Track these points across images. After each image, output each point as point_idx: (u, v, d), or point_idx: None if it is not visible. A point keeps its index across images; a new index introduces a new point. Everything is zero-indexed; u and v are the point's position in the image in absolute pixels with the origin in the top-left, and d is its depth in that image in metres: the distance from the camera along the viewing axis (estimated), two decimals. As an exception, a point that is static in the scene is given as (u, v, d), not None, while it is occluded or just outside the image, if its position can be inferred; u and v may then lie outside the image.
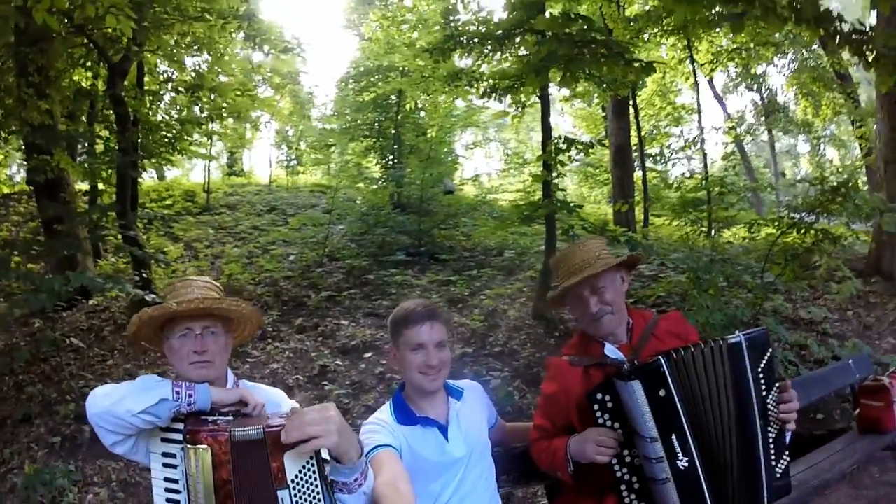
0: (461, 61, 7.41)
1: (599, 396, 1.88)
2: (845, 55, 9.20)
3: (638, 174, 11.74)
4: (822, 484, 2.94)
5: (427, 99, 10.72)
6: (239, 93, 8.28)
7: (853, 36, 3.24)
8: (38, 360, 5.70)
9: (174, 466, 1.57)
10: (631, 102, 10.09)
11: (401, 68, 11.14)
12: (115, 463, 4.41)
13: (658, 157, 16.95)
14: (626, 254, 2.26)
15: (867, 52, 3.34)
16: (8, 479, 4.28)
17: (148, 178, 15.28)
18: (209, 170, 13.86)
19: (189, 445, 1.46)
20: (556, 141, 6.21)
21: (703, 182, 7.02)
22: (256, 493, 1.46)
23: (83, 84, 8.23)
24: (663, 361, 1.79)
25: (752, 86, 17.23)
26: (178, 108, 8.36)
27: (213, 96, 7.90)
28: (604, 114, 13.53)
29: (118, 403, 1.52)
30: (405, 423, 1.99)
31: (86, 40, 6.98)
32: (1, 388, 5.33)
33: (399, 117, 12.16)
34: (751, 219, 5.83)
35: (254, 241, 10.29)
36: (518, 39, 5.78)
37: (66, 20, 6.03)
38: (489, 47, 6.04)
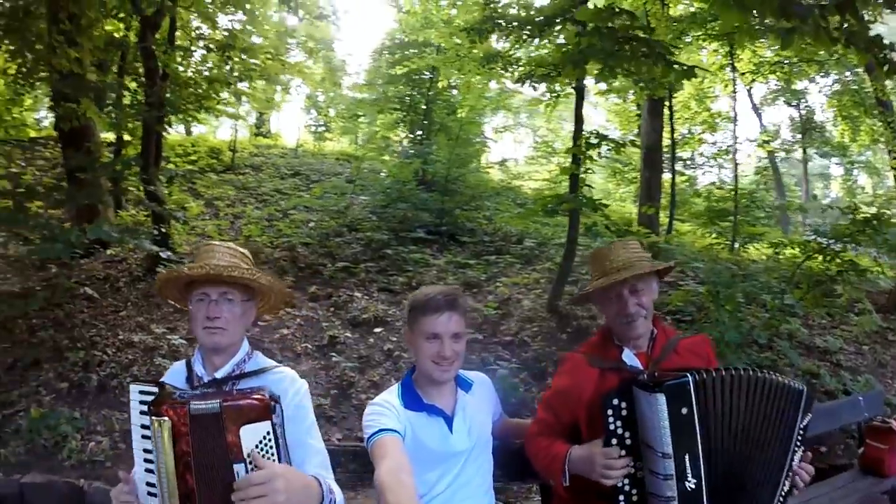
0: (498, 44, 7.27)
1: (615, 402, 1.82)
2: (889, 83, 8.95)
3: (667, 177, 11.52)
4: (818, 520, 2.89)
5: (462, 78, 10.58)
6: (270, 56, 8.20)
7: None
8: (52, 306, 5.74)
9: (149, 438, 1.56)
10: (667, 104, 9.85)
11: (437, 45, 10.94)
12: (120, 414, 4.46)
13: (689, 162, 16.62)
14: (669, 262, 2.24)
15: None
16: (14, 421, 4.35)
17: (175, 133, 15.40)
18: (236, 129, 13.92)
19: (153, 417, 1.50)
20: (587, 135, 6.06)
21: (732, 193, 6.87)
22: (213, 466, 1.48)
23: (115, 34, 8.18)
24: (691, 379, 1.76)
25: (790, 101, 16.77)
26: (209, 66, 8.28)
27: (243, 57, 7.82)
28: (638, 112, 13.28)
29: None
30: (412, 409, 1.97)
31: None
32: (14, 331, 5.37)
33: (430, 93, 12.00)
34: (777, 238, 5.70)
35: (275, 204, 10.28)
36: (558, 28, 5.64)
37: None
38: (528, 32, 5.90)
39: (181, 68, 8.05)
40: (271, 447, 1.51)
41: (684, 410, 1.73)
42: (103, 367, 4.93)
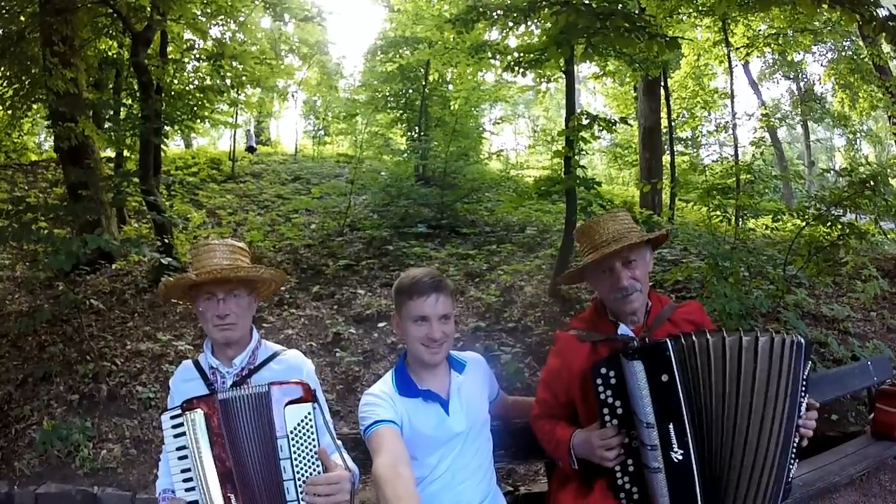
0: (487, 34, 7.25)
1: (603, 371, 1.82)
2: (886, 48, 8.84)
3: (667, 157, 11.46)
4: (829, 487, 2.86)
5: (454, 71, 10.57)
6: (258, 61, 8.25)
7: (890, 23, 3.04)
8: (60, 322, 5.82)
9: (183, 434, 1.70)
10: (662, 84, 9.79)
11: (429, 41, 10.94)
12: (130, 421, 4.54)
13: (689, 142, 16.55)
14: (659, 231, 2.15)
15: (906, 42, 3.17)
16: (27, 434, 4.43)
17: (174, 147, 15.55)
18: (234, 139, 13.95)
19: (185, 413, 1.67)
20: (578, 117, 6.06)
21: (732, 168, 6.80)
22: (250, 442, 1.64)
23: (109, 53, 8.27)
24: (670, 344, 1.73)
25: (788, 74, 16.61)
26: (202, 76, 8.36)
27: (234, 64, 7.89)
28: (635, 94, 13.27)
29: None
30: (406, 395, 1.98)
31: (110, 10, 7.00)
32: (24, 348, 5.47)
33: (426, 90, 12.02)
34: (775, 208, 5.63)
35: (277, 210, 10.33)
36: (544, 12, 5.61)
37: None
38: (513, 20, 5.89)
39: (175, 81, 8.09)
40: (311, 427, 1.66)
41: (664, 377, 1.70)
42: (112, 376, 4.99)
